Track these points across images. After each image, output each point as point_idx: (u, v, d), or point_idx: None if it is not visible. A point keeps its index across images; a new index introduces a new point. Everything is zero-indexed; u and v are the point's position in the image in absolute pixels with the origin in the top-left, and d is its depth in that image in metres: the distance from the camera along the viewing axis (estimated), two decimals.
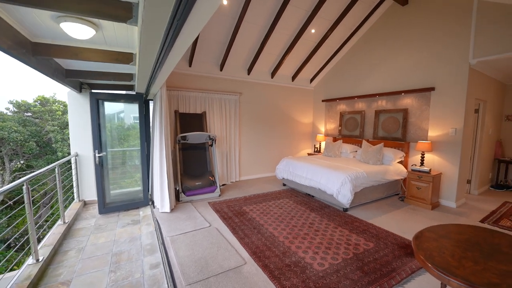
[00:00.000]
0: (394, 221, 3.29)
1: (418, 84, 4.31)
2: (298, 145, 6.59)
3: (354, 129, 5.59)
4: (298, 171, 4.35)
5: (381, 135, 4.97)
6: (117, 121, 4.88)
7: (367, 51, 5.22)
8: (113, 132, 4.55)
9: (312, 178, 4.01)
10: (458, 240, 1.49)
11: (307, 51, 5.39)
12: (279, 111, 6.10)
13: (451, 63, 3.87)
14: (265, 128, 5.88)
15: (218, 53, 4.79)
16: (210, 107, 4.96)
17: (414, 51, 4.36)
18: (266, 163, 5.97)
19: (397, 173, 4.21)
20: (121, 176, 4.53)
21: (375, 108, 5.11)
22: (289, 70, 5.89)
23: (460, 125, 3.81)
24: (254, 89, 5.63)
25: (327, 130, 6.35)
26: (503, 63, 3.83)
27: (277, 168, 4.97)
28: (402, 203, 4.05)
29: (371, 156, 4.43)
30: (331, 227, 3.05)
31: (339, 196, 3.49)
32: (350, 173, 3.59)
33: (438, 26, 4.01)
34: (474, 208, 3.87)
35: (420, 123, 4.34)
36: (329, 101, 6.12)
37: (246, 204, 3.90)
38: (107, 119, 4.08)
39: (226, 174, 5.23)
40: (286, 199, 4.13)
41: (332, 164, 4.25)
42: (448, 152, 3.96)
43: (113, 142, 4.56)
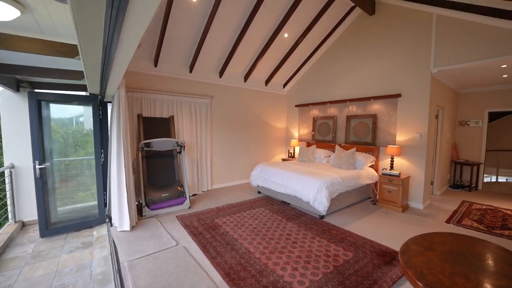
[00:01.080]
0: (370, 226, 3.28)
1: (386, 90, 4.47)
2: (272, 151, 6.47)
3: (327, 134, 5.64)
4: (273, 178, 4.19)
5: (353, 140, 5.06)
6: (75, 126, 4.26)
7: (338, 58, 5.33)
8: (69, 139, 3.94)
9: (287, 185, 3.87)
10: (442, 252, 1.41)
11: (280, 55, 5.32)
12: (253, 115, 5.93)
13: (415, 71, 4.07)
14: (238, 133, 5.65)
15: (187, 54, 4.47)
16: (178, 111, 4.59)
17: (382, 59, 4.53)
18: (240, 170, 5.73)
19: (369, 177, 4.28)
20: (75, 189, 3.92)
21: (347, 113, 5.21)
22: (263, 74, 5.77)
23: (425, 130, 4.00)
24: (227, 93, 5.39)
25: (300, 135, 6.34)
26: (457, 72, 4.14)
27: (252, 175, 4.75)
28: (374, 207, 4.10)
29: (344, 161, 4.46)
30: (309, 237, 2.90)
31: (316, 203, 3.39)
32: (326, 179, 3.52)
33: (403, 36, 4.21)
34: (438, 209, 4.07)
35: (388, 128, 4.49)
36: (302, 106, 6.13)
37: (219, 215, 3.60)
38: (62, 124, 3.52)
39: (197, 183, 4.87)
40: (261, 208, 3.92)
41: (307, 170, 4.17)
42: (415, 156, 4.13)
43: (68, 150, 3.94)
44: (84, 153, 4.24)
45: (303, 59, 5.76)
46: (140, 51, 4.03)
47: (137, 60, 4.10)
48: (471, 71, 4.04)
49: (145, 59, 4.20)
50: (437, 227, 3.30)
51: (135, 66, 4.10)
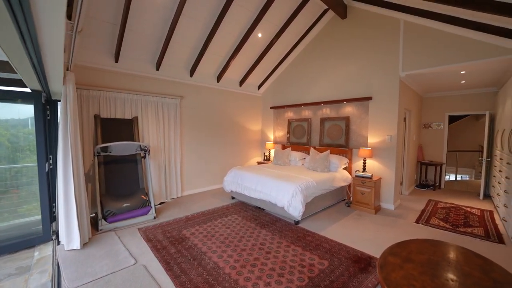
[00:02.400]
0: (344, 230, 3.22)
1: (358, 93, 4.53)
2: (247, 154, 6.28)
3: (301, 137, 5.59)
4: (247, 183, 3.99)
5: (327, 142, 5.06)
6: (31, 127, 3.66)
7: (312, 60, 5.32)
8: (19, 143, 3.37)
9: (262, 190, 3.69)
10: (421, 263, 1.32)
11: (254, 55, 5.17)
12: (227, 117, 5.69)
13: (385, 75, 4.17)
14: (211, 136, 5.37)
15: (153, 50, 4.11)
16: (143, 112, 4.19)
17: (354, 62, 4.58)
18: (214, 174, 5.44)
19: (343, 180, 4.27)
20: (21, 201, 3.35)
21: (321, 115, 5.21)
22: (237, 74, 5.57)
23: (394, 132, 4.10)
24: (198, 93, 5.09)
25: (276, 137, 6.24)
26: (423, 77, 4.32)
27: (225, 180, 4.51)
28: (348, 209, 4.09)
29: (319, 163, 4.41)
30: (283, 245, 2.74)
31: (290, 208, 3.25)
32: (300, 183, 3.40)
33: (374, 41, 4.30)
34: (408, 209, 4.18)
35: (360, 131, 4.54)
36: (277, 108, 6.04)
37: (188, 226, 3.30)
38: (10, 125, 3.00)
39: (165, 190, 4.49)
40: (234, 215, 3.69)
41: (282, 173, 4.04)
42: (385, 158, 4.21)
43: (17, 156, 3.36)
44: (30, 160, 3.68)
45: (278, 60, 5.68)
46: (98, 44, 3.60)
47: (94, 53, 3.66)
48: (434, 76, 4.24)
49: (104, 54, 3.77)
50: (408, 227, 3.35)
51: (91, 61, 3.65)
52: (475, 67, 3.55)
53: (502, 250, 2.76)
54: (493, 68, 3.63)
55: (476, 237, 3.07)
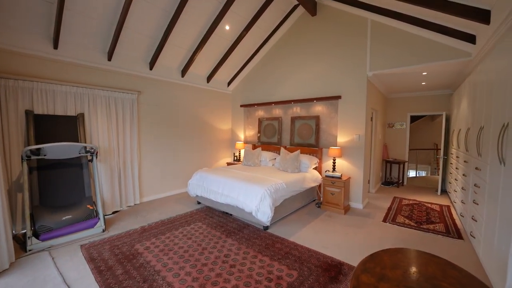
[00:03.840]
0: (314, 234, 3.08)
1: (328, 92, 4.47)
2: (216, 154, 5.93)
3: (272, 136, 5.42)
4: (213, 187, 3.67)
5: (297, 141, 4.95)
6: None
7: (283, 57, 5.16)
8: None
9: (228, 195, 3.41)
10: (397, 280, 1.16)
11: (222, 49, 4.85)
12: (193, 115, 5.28)
13: (353, 74, 4.15)
14: (175, 135, 4.92)
15: (103, 36, 3.57)
16: (91, 108, 3.63)
17: (324, 60, 4.51)
18: (178, 177, 5.00)
19: (313, 180, 4.17)
20: None
21: (291, 114, 5.08)
22: (203, 69, 5.19)
23: (363, 131, 4.10)
24: (160, 88, 4.62)
25: (246, 137, 5.99)
26: (388, 77, 4.40)
27: (190, 184, 4.13)
28: (319, 210, 4.00)
29: (289, 164, 4.26)
30: (250, 256, 2.50)
31: (258, 213, 3.02)
32: (269, 186, 3.19)
33: (343, 39, 4.26)
34: (375, 207, 4.22)
35: (330, 130, 4.50)
36: (248, 106, 5.79)
37: (143, 238, 2.89)
38: None
39: (120, 197, 3.96)
40: (198, 223, 3.35)
41: (251, 175, 3.79)
42: (354, 157, 4.20)
43: None
44: None
45: (247, 56, 5.42)
46: (29, 25, 2.99)
47: (23, 36, 3.03)
48: (398, 76, 4.34)
49: (38, 37, 3.15)
50: (376, 228, 3.33)
51: (19, 44, 3.02)
52: (435, 68, 3.67)
53: (461, 246, 2.84)
54: (450, 70, 3.80)
55: (438, 234, 3.15)
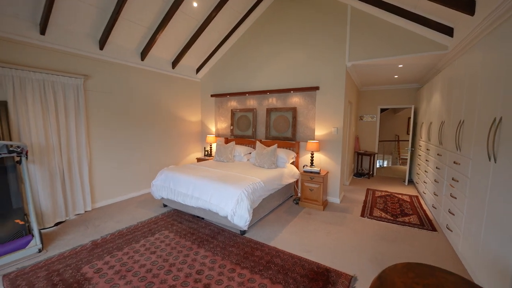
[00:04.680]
0: (296, 235, 2.86)
1: (305, 82, 4.22)
2: (185, 149, 5.38)
3: (246, 129, 5.06)
4: (181, 188, 3.21)
5: (273, 134, 4.68)
6: None
7: (257, 44, 4.75)
8: None
9: (199, 197, 2.99)
10: None
11: (189, 31, 4.26)
12: (157, 105, 4.64)
13: (332, 64, 3.95)
14: (136, 128, 4.26)
15: (32, 3, 2.78)
16: (18, 95, 2.83)
17: (301, 48, 4.23)
18: (140, 177, 4.39)
19: (291, 176, 3.96)
20: None
21: (267, 106, 4.76)
22: (168, 52, 4.54)
23: (340, 124, 3.97)
24: (114, 73, 3.89)
25: (218, 129, 5.53)
26: (365, 68, 4.30)
27: (153, 185, 3.59)
28: (297, 207, 3.81)
29: (266, 159, 3.97)
30: (227, 270, 2.16)
31: (235, 218, 2.68)
32: (247, 186, 2.85)
33: (321, 26, 4.00)
34: (352, 201, 4.19)
35: (308, 123, 4.29)
36: (219, 96, 5.30)
37: (94, 257, 2.35)
38: None
39: (65, 205, 3.27)
40: (165, 231, 2.89)
41: (224, 173, 3.41)
42: (332, 151, 4.07)
43: None
44: None
45: (218, 40, 4.90)
46: None
47: None
48: (375, 68, 4.26)
49: None
50: (356, 224, 3.24)
51: None
52: (412, 61, 3.63)
53: (436, 238, 2.88)
54: (424, 63, 3.81)
55: (414, 227, 3.18)
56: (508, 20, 1.80)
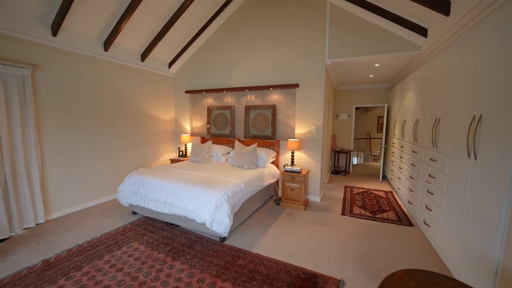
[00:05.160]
0: (279, 238, 2.73)
1: (285, 79, 4.11)
2: (158, 150, 4.97)
3: (224, 127, 4.82)
4: (153, 193, 2.89)
5: (252, 133, 4.51)
6: None
7: (234, 38, 4.52)
8: None
9: (174, 203, 2.71)
10: None
11: (161, 20, 3.89)
12: (125, 102, 4.19)
13: (311, 61, 3.88)
14: (99, 128, 3.79)
15: None
16: None
17: (281, 44, 4.10)
18: (106, 181, 3.93)
19: (272, 176, 3.82)
20: None
21: (245, 103, 4.57)
22: (136, 43, 4.12)
23: (320, 122, 3.93)
24: (71, 63, 3.40)
25: (193, 128, 5.21)
26: (343, 66, 4.30)
27: (120, 190, 3.21)
28: (278, 208, 3.70)
29: (246, 159, 3.79)
30: (207, 284, 1.94)
31: (214, 224, 2.46)
32: (226, 189, 2.64)
33: (301, 22, 3.91)
34: (331, 199, 4.19)
35: (288, 121, 4.19)
36: (194, 92, 4.98)
37: (44, 282, 1.97)
38: None
39: (9, 218, 2.75)
40: (134, 243, 2.57)
41: (201, 176, 3.16)
42: (312, 149, 4.02)
43: None
44: None
45: (193, 33, 4.58)
46: None
47: None
48: (352, 66, 4.28)
49: None
50: (338, 223, 3.21)
51: None
52: (388, 60, 3.69)
53: (413, 232, 2.95)
54: (399, 63, 3.91)
55: (392, 223, 3.23)
56: (484, 20, 1.83)
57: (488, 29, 1.77)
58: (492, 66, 1.70)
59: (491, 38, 1.73)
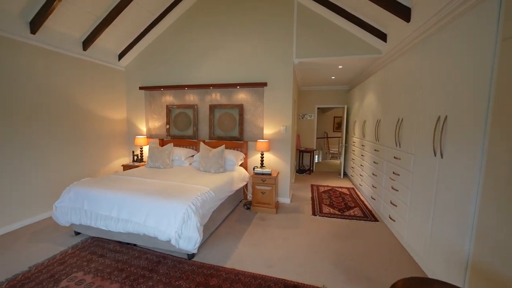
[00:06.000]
0: (254, 248, 2.53)
1: (253, 78, 3.94)
2: (107, 154, 4.27)
3: (186, 128, 4.41)
4: (102, 209, 2.40)
5: (218, 134, 4.22)
6: None
7: (198, 30, 4.15)
8: None
9: (130, 219, 2.28)
10: None
11: (106, 3, 3.31)
12: (61, 98, 3.45)
13: (280, 60, 3.79)
14: (28, 128, 3.03)
15: None
16: None
17: (248, 41, 3.91)
18: (39, 195, 3.16)
19: (241, 179, 3.61)
20: None
21: (210, 102, 4.25)
22: (75, 28, 3.44)
23: (289, 122, 3.87)
24: None
25: (150, 129, 4.65)
26: (308, 66, 4.33)
27: (57, 207, 2.59)
28: (249, 213, 3.50)
29: (213, 162, 3.50)
30: None
31: (181, 241, 2.13)
32: (194, 198, 2.33)
33: (269, 19, 3.78)
34: (300, 199, 4.18)
35: (256, 121, 4.03)
36: (151, 89, 4.44)
37: None
38: None
39: None
40: (78, 273, 2.06)
41: (162, 184, 2.76)
42: (281, 150, 3.94)
43: None
44: None
45: (149, 20, 4.06)
46: None
47: None
48: (317, 67, 4.34)
49: None
50: (311, 224, 3.17)
51: None
52: (350, 62, 3.83)
53: (378, 227, 3.08)
54: (360, 65, 4.10)
55: (359, 219, 3.34)
56: (446, 26, 1.94)
57: (450, 34, 1.87)
58: (455, 70, 1.79)
59: (453, 43, 1.82)
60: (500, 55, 1.42)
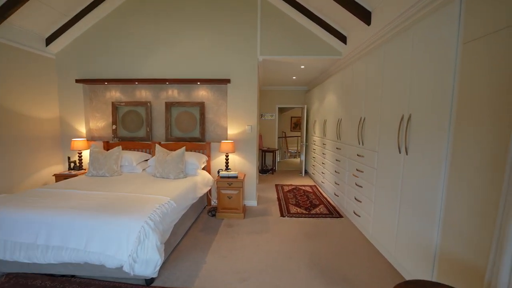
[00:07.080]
0: (224, 261, 2.28)
1: (215, 73, 3.65)
2: (33, 163, 3.42)
3: (137, 128, 3.86)
4: (22, 236, 1.82)
5: (176, 135, 3.82)
6: None
7: (153, 17, 3.65)
8: None
9: (64, 245, 1.78)
10: None
11: None
12: None
13: (244, 56, 3.60)
14: None
15: None
16: None
17: (210, 33, 3.61)
18: None
19: (205, 184, 3.31)
20: None
21: (166, 99, 3.80)
22: None
23: (254, 121, 3.73)
24: None
25: (92, 130, 3.93)
26: (271, 65, 4.26)
27: None
28: (215, 220, 3.22)
29: (172, 166, 3.10)
30: None
31: (137, 266, 1.75)
32: (151, 212, 1.96)
33: (233, 11, 3.55)
34: (266, 201, 4.08)
35: (219, 120, 3.76)
36: (91, 82, 3.74)
37: None
38: None
39: None
40: None
41: (109, 196, 2.28)
42: (246, 150, 3.77)
43: None
44: None
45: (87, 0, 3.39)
46: None
47: None
48: (278, 67, 4.32)
49: None
50: (280, 226, 3.07)
51: None
52: (312, 62, 3.90)
53: (343, 223, 3.17)
54: (321, 66, 4.21)
55: (326, 217, 3.40)
56: (406, 29, 2.03)
57: (412, 38, 1.95)
58: (418, 72, 1.88)
59: (415, 46, 1.91)
60: (462, 57, 1.50)
